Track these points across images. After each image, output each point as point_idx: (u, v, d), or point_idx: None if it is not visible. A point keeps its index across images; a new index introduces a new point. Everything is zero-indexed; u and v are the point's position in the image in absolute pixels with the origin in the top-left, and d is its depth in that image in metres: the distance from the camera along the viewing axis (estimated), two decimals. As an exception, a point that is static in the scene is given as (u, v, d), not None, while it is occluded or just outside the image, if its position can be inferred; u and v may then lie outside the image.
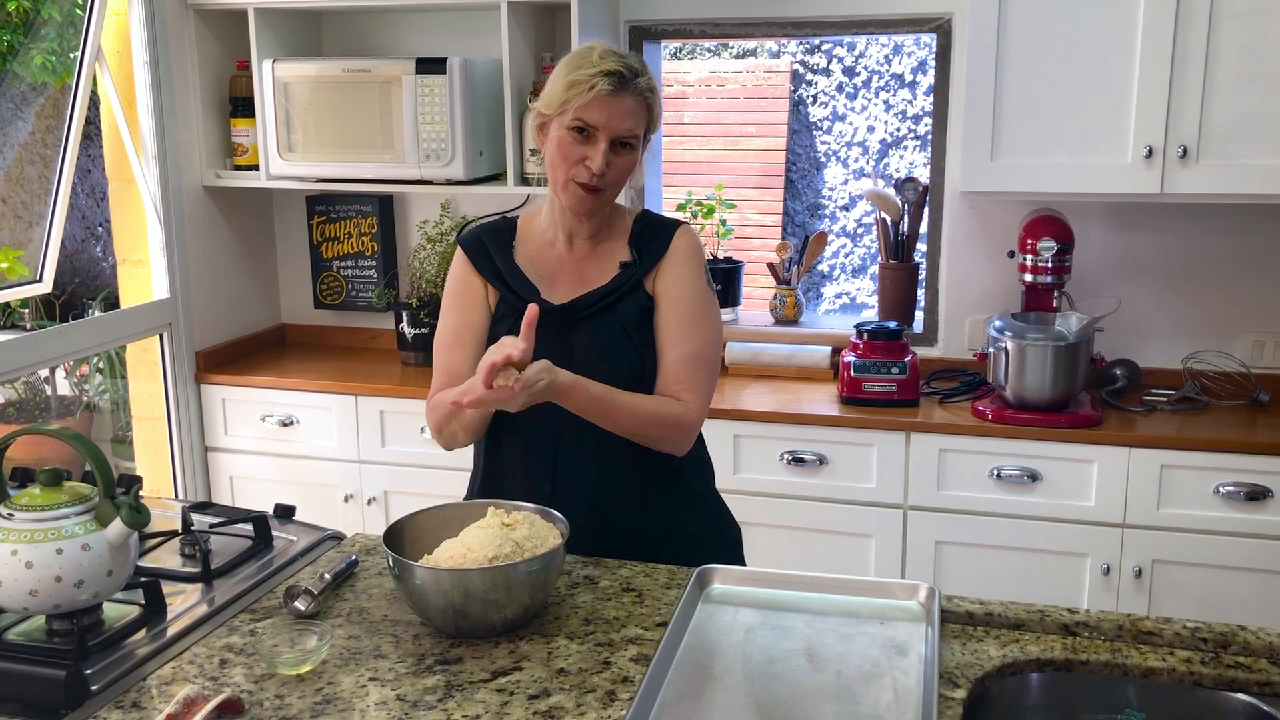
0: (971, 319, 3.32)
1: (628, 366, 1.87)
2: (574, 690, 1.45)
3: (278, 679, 1.49)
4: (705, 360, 1.90)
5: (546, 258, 1.95)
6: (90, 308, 5.23)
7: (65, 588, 1.50)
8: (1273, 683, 1.50)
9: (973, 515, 2.90)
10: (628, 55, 1.82)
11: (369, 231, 3.71)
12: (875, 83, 6.26)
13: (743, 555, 2.08)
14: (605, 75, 1.76)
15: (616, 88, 1.77)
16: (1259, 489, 2.71)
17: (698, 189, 4.01)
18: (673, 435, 1.87)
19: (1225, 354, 3.11)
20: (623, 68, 1.78)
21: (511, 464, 1.95)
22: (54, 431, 1.60)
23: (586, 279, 1.92)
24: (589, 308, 1.90)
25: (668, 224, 1.97)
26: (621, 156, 1.82)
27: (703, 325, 1.91)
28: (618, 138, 1.80)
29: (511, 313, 1.90)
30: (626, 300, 1.90)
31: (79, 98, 3.22)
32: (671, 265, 1.91)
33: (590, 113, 1.78)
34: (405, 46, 3.56)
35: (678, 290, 1.90)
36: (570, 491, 1.88)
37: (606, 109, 1.78)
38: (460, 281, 1.96)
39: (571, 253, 1.94)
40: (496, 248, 1.95)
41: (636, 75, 1.80)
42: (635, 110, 1.80)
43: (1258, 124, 2.74)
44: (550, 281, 1.93)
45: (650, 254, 1.92)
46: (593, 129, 1.79)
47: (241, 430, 3.47)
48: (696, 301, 1.91)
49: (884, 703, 1.42)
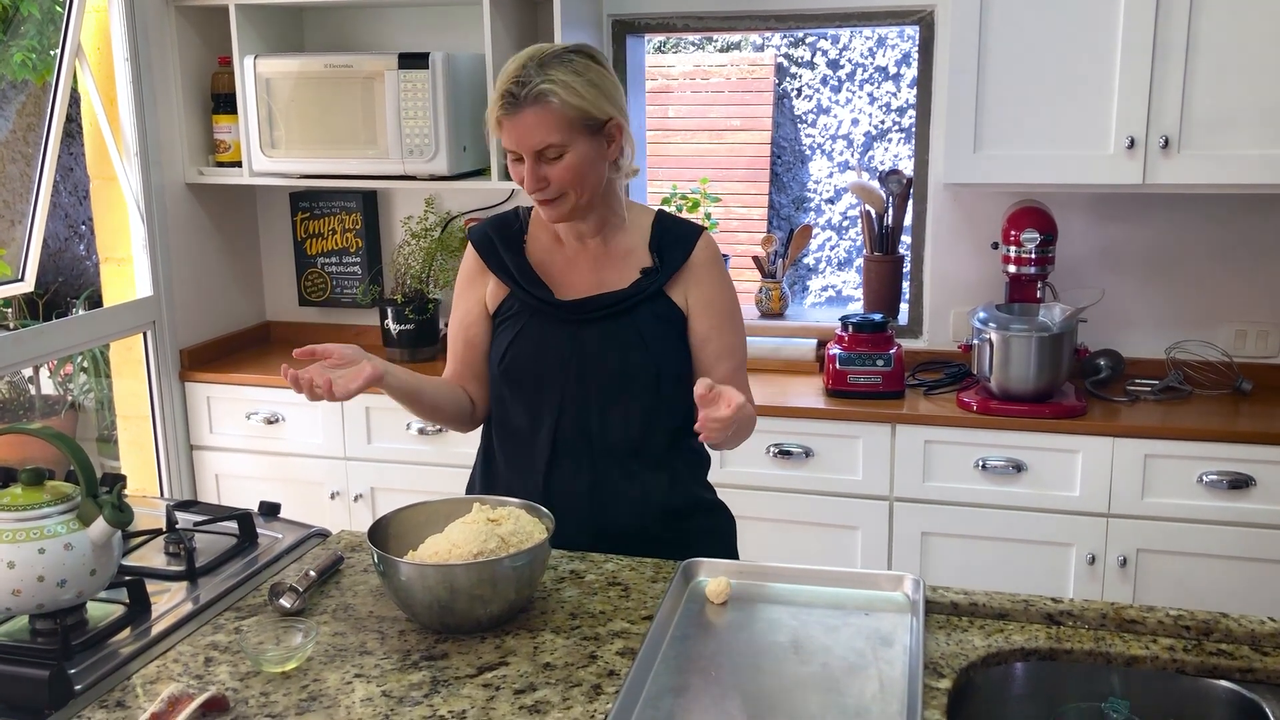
0: (956, 311, 3.33)
1: (642, 370, 1.87)
2: (560, 685, 1.45)
3: (263, 677, 1.48)
4: (745, 361, 2.00)
5: (560, 254, 1.95)
6: (73, 306, 5.21)
7: (48, 587, 1.49)
8: (1254, 669, 1.51)
9: (958, 506, 2.91)
10: (531, 64, 1.77)
11: (353, 228, 3.70)
12: (859, 75, 6.26)
13: (736, 548, 2.08)
14: (499, 100, 1.77)
15: (510, 108, 1.76)
16: (1242, 477, 2.72)
17: (682, 183, 4.01)
18: (748, 435, 1.92)
19: (1208, 343, 3.12)
20: (513, 85, 1.75)
21: (509, 461, 1.96)
22: (36, 431, 1.60)
23: (604, 278, 1.92)
24: (605, 309, 1.89)
25: (688, 230, 1.96)
26: (555, 164, 1.79)
27: (741, 330, 1.98)
28: (536, 151, 1.78)
29: (524, 310, 1.92)
30: (645, 306, 1.90)
31: (59, 95, 3.20)
32: (704, 279, 1.92)
33: (505, 139, 1.79)
34: (387, 41, 3.55)
35: (718, 303, 1.93)
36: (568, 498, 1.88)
37: (511, 132, 1.78)
38: (466, 275, 2.00)
39: (586, 250, 1.94)
40: (506, 243, 1.96)
41: (530, 84, 1.75)
42: (536, 121, 1.75)
43: (1239, 115, 2.75)
44: (564, 278, 1.93)
45: (671, 260, 1.91)
46: (516, 151, 1.80)
47: (226, 428, 3.46)
48: (733, 310, 1.97)
49: (869, 693, 1.42)
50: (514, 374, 1.91)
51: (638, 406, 1.89)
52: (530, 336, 1.91)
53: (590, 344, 1.88)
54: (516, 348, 1.91)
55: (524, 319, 1.92)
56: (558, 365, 1.89)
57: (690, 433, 1.77)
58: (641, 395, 1.88)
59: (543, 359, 1.90)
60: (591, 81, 1.79)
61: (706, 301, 1.92)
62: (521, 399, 1.92)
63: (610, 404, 1.87)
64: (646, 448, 1.91)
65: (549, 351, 1.90)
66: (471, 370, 1.99)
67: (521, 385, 1.92)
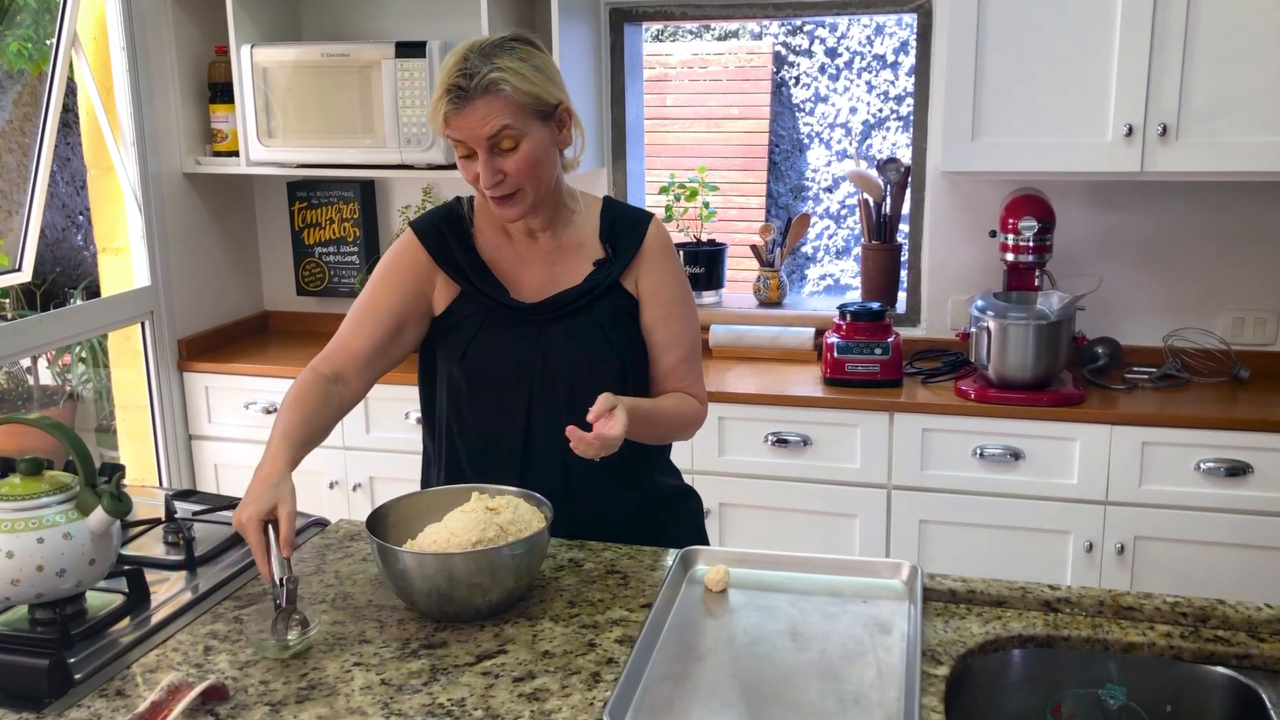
0: (954, 299, 3.33)
1: (607, 365, 1.85)
2: (559, 672, 1.45)
3: (262, 665, 1.49)
4: (698, 351, 1.95)
5: (510, 249, 1.89)
6: (71, 296, 5.20)
7: (47, 577, 1.50)
8: (1251, 655, 1.51)
9: (956, 494, 2.92)
10: (475, 55, 1.71)
11: (350, 217, 3.69)
12: (857, 64, 6.26)
13: (704, 530, 2.08)
14: (446, 94, 1.70)
15: (460, 101, 1.69)
16: (1239, 465, 2.73)
17: (680, 171, 4.00)
18: (692, 430, 1.94)
19: (1206, 331, 3.13)
20: (461, 77, 1.68)
21: (474, 463, 1.90)
22: (34, 421, 1.60)
23: (557, 274, 1.87)
24: (565, 307, 1.85)
25: (637, 218, 1.92)
26: (510, 155, 1.73)
27: (692, 320, 1.94)
28: (490, 142, 1.71)
29: (478, 310, 1.85)
30: (603, 300, 1.86)
31: (56, 85, 3.19)
32: (654, 266, 1.89)
33: (451, 133, 1.72)
34: (384, 30, 3.54)
35: (666, 291, 1.89)
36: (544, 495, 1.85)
37: (462, 125, 1.70)
38: (402, 262, 1.88)
39: (537, 245, 1.88)
40: (456, 238, 1.88)
41: (478, 74, 1.68)
42: (489, 110, 1.69)
43: (1236, 102, 2.75)
44: (517, 275, 1.88)
45: (624, 250, 1.88)
46: (465, 146, 1.73)
47: (225, 418, 3.46)
48: (683, 299, 1.93)
49: (868, 680, 1.42)
50: (475, 377, 1.86)
51: None
52: (489, 339, 1.85)
53: (555, 345, 1.84)
54: (476, 351, 1.85)
55: (480, 319, 1.86)
56: (522, 368, 1.84)
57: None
58: (616, 387, 1.81)
59: (505, 362, 1.85)
60: (537, 67, 1.74)
61: (654, 290, 1.88)
62: (484, 402, 1.86)
63: (580, 403, 1.75)
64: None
65: (511, 354, 1.84)
66: (372, 360, 1.85)
67: (484, 388, 1.86)
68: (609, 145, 3.52)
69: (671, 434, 1.91)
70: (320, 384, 1.79)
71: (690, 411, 1.91)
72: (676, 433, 1.91)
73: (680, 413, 1.89)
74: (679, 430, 1.91)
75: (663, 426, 1.86)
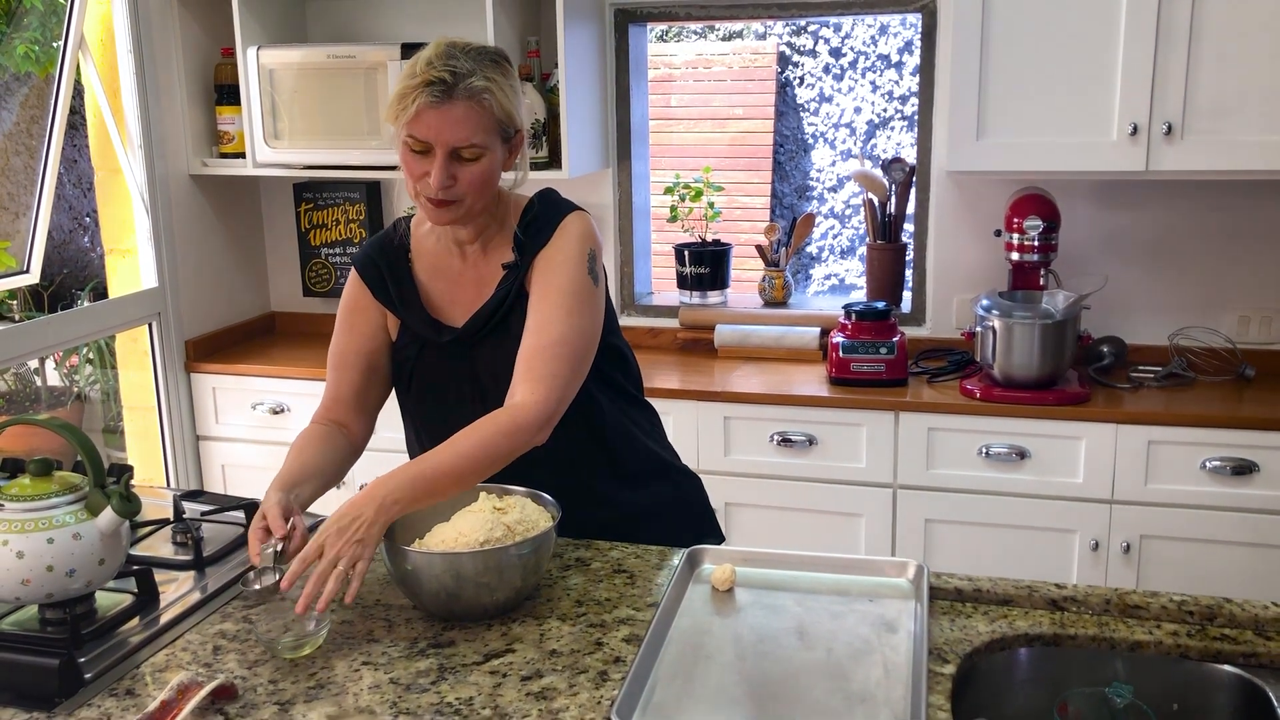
0: (959, 298, 3.33)
1: None
2: (566, 671, 1.46)
3: (271, 665, 1.49)
4: (569, 351, 1.71)
5: (447, 269, 1.85)
6: (79, 298, 5.22)
7: (57, 577, 1.50)
8: (1258, 654, 1.52)
9: (961, 493, 2.92)
10: (461, 55, 1.66)
11: (357, 218, 3.70)
12: (861, 63, 6.26)
13: (714, 515, 2.07)
14: (426, 86, 1.63)
15: (441, 97, 1.63)
16: (1245, 463, 2.72)
17: (685, 172, 4.00)
18: (516, 444, 1.65)
19: (1211, 330, 3.12)
20: (446, 73, 1.63)
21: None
22: (43, 422, 1.60)
23: (484, 290, 1.82)
24: (484, 325, 1.80)
25: (557, 212, 1.81)
26: (467, 166, 1.68)
27: (571, 314, 1.73)
28: (455, 149, 1.67)
29: (414, 342, 1.84)
30: (517, 312, 1.78)
31: (63, 87, 3.20)
32: (549, 253, 1.77)
33: (418, 128, 1.65)
34: (390, 32, 3.55)
35: (550, 275, 1.75)
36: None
37: (434, 122, 1.64)
38: (354, 304, 1.87)
39: (466, 262, 1.83)
40: (391, 269, 1.85)
41: (466, 76, 1.64)
42: (468, 117, 1.65)
43: (1241, 100, 2.75)
44: (451, 295, 1.84)
45: (532, 249, 1.78)
46: (426, 143, 1.67)
47: (232, 419, 3.47)
48: (570, 289, 1.74)
49: (874, 679, 1.43)
50: (421, 404, 1.87)
51: None
52: (425, 370, 1.85)
53: (483, 367, 1.81)
54: (417, 382, 1.86)
55: (416, 350, 1.85)
56: (460, 392, 1.83)
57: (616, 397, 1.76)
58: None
59: (443, 390, 1.84)
60: (514, 88, 1.73)
61: (541, 272, 1.76)
62: (435, 427, 1.82)
63: None
64: (569, 443, 1.81)
65: (448, 382, 1.83)
66: (361, 401, 1.87)
67: (431, 415, 1.87)
68: (614, 146, 3.53)
69: (480, 466, 1.63)
70: (317, 432, 1.85)
71: (493, 430, 1.64)
72: (485, 463, 1.63)
73: (475, 443, 1.63)
74: (485, 460, 1.63)
75: (455, 471, 1.61)
